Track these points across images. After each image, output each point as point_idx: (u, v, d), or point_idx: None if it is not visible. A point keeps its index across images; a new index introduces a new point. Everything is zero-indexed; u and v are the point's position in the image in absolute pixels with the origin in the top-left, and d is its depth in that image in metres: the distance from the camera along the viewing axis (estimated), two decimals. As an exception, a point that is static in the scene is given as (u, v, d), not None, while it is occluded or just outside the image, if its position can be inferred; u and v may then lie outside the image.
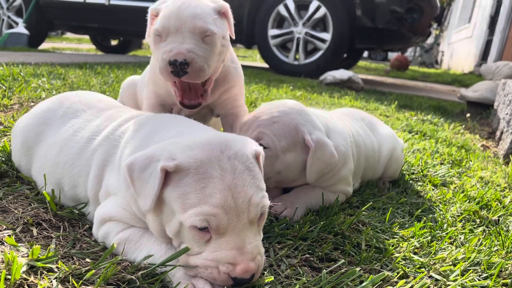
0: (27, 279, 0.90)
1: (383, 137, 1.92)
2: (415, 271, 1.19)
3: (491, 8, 11.78)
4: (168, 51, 1.36)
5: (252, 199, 0.96)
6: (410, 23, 6.07)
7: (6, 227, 1.12)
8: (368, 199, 1.70)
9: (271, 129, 1.42)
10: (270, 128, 1.42)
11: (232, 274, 0.93)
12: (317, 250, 1.23)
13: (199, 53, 1.36)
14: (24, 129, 1.43)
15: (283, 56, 6.30)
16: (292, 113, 1.46)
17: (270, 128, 1.42)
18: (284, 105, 1.49)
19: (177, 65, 1.33)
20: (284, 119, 1.44)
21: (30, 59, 4.59)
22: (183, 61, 1.33)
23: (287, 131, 1.42)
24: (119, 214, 1.11)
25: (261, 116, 1.45)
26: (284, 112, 1.45)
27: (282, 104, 1.50)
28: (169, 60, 1.34)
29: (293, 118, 1.45)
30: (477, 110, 4.58)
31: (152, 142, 1.11)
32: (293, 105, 1.51)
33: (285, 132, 1.42)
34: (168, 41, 1.38)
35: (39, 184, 1.36)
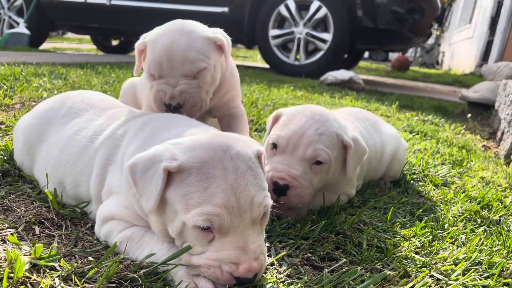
0: (30, 277, 0.90)
1: (387, 137, 1.92)
2: (417, 271, 1.20)
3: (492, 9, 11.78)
4: (163, 90, 1.40)
5: (254, 198, 0.96)
6: (411, 23, 6.06)
7: (8, 226, 1.12)
8: (369, 199, 1.70)
9: (322, 143, 1.41)
10: (321, 142, 1.41)
11: (235, 273, 0.93)
12: (318, 249, 1.23)
13: (192, 91, 1.42)
14: (26, 128, 1.43)
15: (283, 57, 6.30)
16: (328, 120, 1.47)
17: (321, 142, 1.41)
18: (315, 113, 1.48)
19: (171, 108, 1.41)
20: (326, 129, 1.44)
21: (31, 58, 4.60)
22: (177, 105, 1.41)
23: (333, 140, 1.44)
24: (121, 213, 1.11)
25: (304, 130, 1.43)
26: (321, 121, 1.45)
27: (312, 112, 1.49)
28: (164, 103, 1.41)
29: (331, 125, 1.46)
30: (478, 110, 4.58)
31: (154, 142, 1.11)
32: (323, 111, 1.51)
33: (332, 143, 1.43)
34: (160, 81, 1.41)
35: (41, 183, 1.36)
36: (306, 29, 6.05)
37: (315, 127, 1.44)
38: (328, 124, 1.46)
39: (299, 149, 1.41)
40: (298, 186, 1.37)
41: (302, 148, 1.41)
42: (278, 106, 3.21)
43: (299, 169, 1.39)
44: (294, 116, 1.49)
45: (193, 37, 1.42)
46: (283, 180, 1.36)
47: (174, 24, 1.46)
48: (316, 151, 1.40)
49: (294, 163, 1.40)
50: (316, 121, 1.45)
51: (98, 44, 9.53)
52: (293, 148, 1.42)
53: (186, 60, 1.38)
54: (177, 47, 1.38)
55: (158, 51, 1.39)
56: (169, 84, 1.40)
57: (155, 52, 1.39)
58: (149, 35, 1.47)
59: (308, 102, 3.71)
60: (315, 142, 1.41)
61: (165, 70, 1.39)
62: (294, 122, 1.46)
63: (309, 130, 1.43)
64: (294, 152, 1.42)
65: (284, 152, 1.43)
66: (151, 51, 1.41)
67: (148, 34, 1.48)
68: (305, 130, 1.43)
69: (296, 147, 1.42)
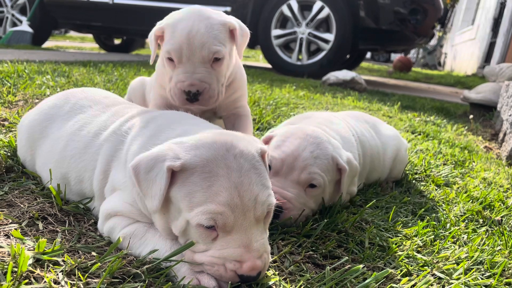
0: (33, 272, 0.91)
1: (387, 138, 1.92)
2: (418, 269, 1.20)
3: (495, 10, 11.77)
4: (182, 81, 1.45)
5: (258, 197, 0.96)
6: (413, 24, 6.06)
7: (12, 221, 1.12)
8: (371, 198, 1.70)
9: (317, 166, 1.39)
10: (316, 165, 1.39)
11: (239, 271, 0.93)
12: (320, 247, 1.24)
13: (210, 81, 1.47)
14: (30, 124, 1.44)
15: (286, 56, 6.30)
16: (323, 142, 1.45)
17: (316, 166, 1.39)
18: (308, 135, 1.46)
19: (191, 95, 1.46)
20: (321, 152, 1.42)
21: (34, 56, 4.61)
22: (196, 91, 1.46)
23: (328, 163, 1.41)
24: (124, 209, 1.12)
25: (298, 153, 1.40)
26: (316, 143, 1.43)
27: (305, 134, 1.46)
28: (183, 90, 1.46)
29: (326, 147, 1.44)
30: (480, 111, 4.58)
31: (159, 140, 1.11)
32: (316, 132, 1.49)
33: (327, 166, 1.41)
34: (180, 69, 1.46)
35: (44, 179, 1.36)
36: (308, 29, 6.05)
37: (309, 149, 1.41)
38: (322, 146, 1.43)
39: (293, 172, 1.38)
40: (292, 209, 1.34)
41: (297, 171, 1.38)
42: (280, 105, 3.21)
43: (293, 192, 1.36)
44: (287, 137, 1.46)
45: (211, 22, 1.45)
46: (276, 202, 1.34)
47: (192, 9, 1.49)
48: (311, 175, 1.38)
49: (288, 185, 1.37)
50: (311, 143, 1.43)
51: (101, 42, 9.55)
52: (288, 170, 1.39)
53: (204, 45, 1.42)
54: (197, 32, 1.42)
55: (179, 36, 1.42)
56: (187, 73, 1.44)
57: (175, 37, 1.42)
58: (166, 20, 1.49)
59: (310, 102, 3.71)
60: (310, 166, 1.38)
61: (184, 55, 1.43)
62: (288, 144, 1.43)
63: (304, 153, 1.40)
64: (288, 175, 1.39)
65: (278, 174, 1.39)
66: (170, 36, 1.44)
67: (164, 19, 1.50)
68: (299, 152, 1.40)
69: (290, 169, 1.39)
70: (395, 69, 12.41)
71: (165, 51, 1.46)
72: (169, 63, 1.48)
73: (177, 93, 1.47)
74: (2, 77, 2.78)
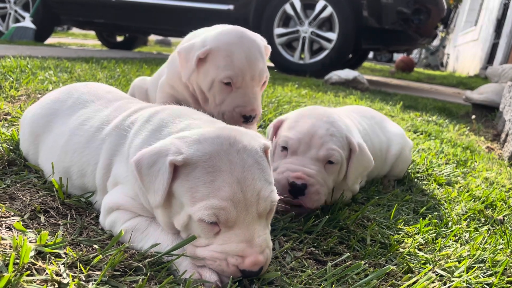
0: (35, 264, 0.91)
1: (392, 136, 1.91)
2: (420, 267, 1.20)
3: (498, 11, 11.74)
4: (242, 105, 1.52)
5: (261, 192, 0.96)
6: (416, 24, 6.04)
7: (14, 214, 1.12)
8: (373, 196, 1.70)
9: (334, 143, 1.41)
10: (332, 142, 1.40)
11: (240, 266, 0.93)
12: (322, 243, 1.24)
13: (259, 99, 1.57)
14: (33, 118, 1.44)
15: (288, 55, 6.30)
16: (336, 121, 1.47)
17: (333, 142, 1.40)
18: (322, 114, 1.47)
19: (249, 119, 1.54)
20: (336, 130, 1.43)
21: (36, 52, 4.61)
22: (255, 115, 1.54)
23: (343, 141, 1.43)
24: (126, 203, 1.11)
25: (314, 131, 1.41)
26: (330, 122, 1.45)
27: (318, 114, 1.48)
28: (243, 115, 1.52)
29: (339, 125, 1.46)
30: (482, 112, 4.57)
31: (161, 134, 1.11)
32: (328, 112, 1.50)
33: (342, 143, 1.43)
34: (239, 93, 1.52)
35: (46, 172, 1.36)
36: (311, 28, 6.04)
37: (325, 127, 1.42)
38: (336, 125, 1.45)
39: (311, 149, 1.40)
40: (315, 184, 1.36)
41: (314, 148, 1.40)
42: (283, 103, 3.20)
43: (314, 168, 1.38)
44: (300, 118, 1.48)
45: (258, 45, 1.54)
46: (300, 180, 1.35)
47: (236, 31, 1.55)
48: (329, 151, 1.39)
49: (308, 162, 1.39)
50: (325, 122, 1.44)
51: (103, 39, 9.56)
52: (305, 148, 1.41)
53: (261, 70, 1.52)
54: (255, 58, 1.50)
55: (239, 62, 1.47)
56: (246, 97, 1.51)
57: (235, 64, 1.47)
58: (209, 42, 1.52)
59: (313, 100, 3.71)
60: (327, 142, 1.40)
61: (244, 80, 1.50)
62: (302, 123, 1.45)
63: (320, 130, 1.41)
64: (307, 153, 1.40)
65: (296, 153, 1.41)
66: (226, 61, 1.48)
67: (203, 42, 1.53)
68: (315, 131, 1.41)
69: (308, 147, 1.40)
70: (398, 69, 12.39)
71: (221, 75, 1.48)
72: (224, 87, 1.51)
73: (235, 117, 1.52)
74: (5, 72, 2.79)
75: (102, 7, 6.83)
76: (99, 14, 6.98)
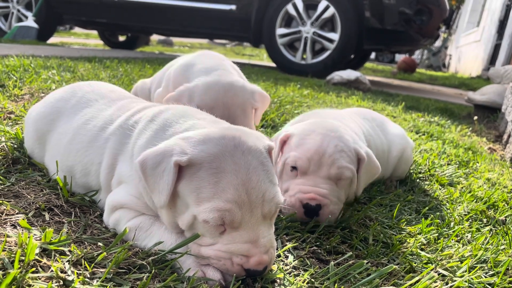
0: (40, 261, 0.91)
1: (394, 137, 1.91)
2: (422, 266, 1.20)
3: (500, 12, 11.72)
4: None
5: (266, 194, 0.97)
6: (418, 25, 6.04)
7: (18, 212, 1.13)
8: (375, 196, 1.70)
9: (344, 160, 1.39)
10: (343, 159, 1.39)
11: (245, 265, 0.94)
12: (324, 243, 1.24)
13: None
14: (37, 117, 1.44)
15: (290, 56, 6.30)
16: (344, 135, 1.45)
17: (343, 159, 1.39)
18: (328, 129, 1.45)
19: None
20: (345, 145, 1.41)
21: (39, 52, 4.62)
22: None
23: (352, 155, 1.42)
24: (130, 202, 1.12)
25: (323, 149, 1.39)
26: (337, 137, 1.43)
27: (325, 129, 1.45)
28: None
29: (347, 140, 1.44)
30: (484, 113, 4.56)
31: (166, 134, 1.11)
32: (335, 126, 1.48)
33: (351, 158, 1.41)
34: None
35: (50, 171, 1.37)
36: (313, 28, 6.04)
37: (334, 143, 1.40)
38: (344, 139, 1.43)
39: (322, 168, 1.37)
40: (329, 204, 1.33)
41: (325, 167, 1.37)
42: (285, 103, 3.21)
43: (327, 187, 1.36)
44: (307, 134, 1.45)
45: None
46: (314, 201, 1.32)
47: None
48: (340, 169, 1.37)
49: (320, 182, 1.36)
50: (333, 137, 1.42)
51: (105, 39, 9.57)
52: (316, 168, 1.38)
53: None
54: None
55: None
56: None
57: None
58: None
59: (315, 101, 3.71)
60: (338, 160, 1.38)
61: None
62: (309, 141, 1.42)
63: (329, 149, 1.39)
64: (318, 172, 1.38)
65: (307, 173, 1.38)
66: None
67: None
68: (324, 149, 1.39)
69: (319, 166, 1.38)
70: (399, 70, 12.37)
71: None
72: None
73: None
74: (9, 71, 2.80)
75: (105, 6, 6.84)
76: (102, 14, 6.99)
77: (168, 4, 6.53)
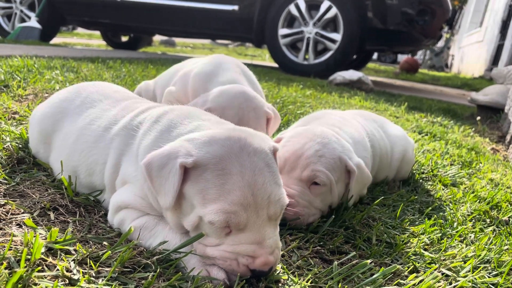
0: (46, 260, 0.92)
1: (395, 138, 1.91)
2: (426, 266, 1.20)
3: (503, 13, 11.69)
4: None
5: (271, 196, 0.97)
6: (421, 25, 6.04)
7: (24, 211, 1.14)
8: (378, 196, 1.70)
9: (322, 164, 1.36)
10: (320, 163, 1.36)
11: (251, 266, 0.94)
12: (328, 243, 1.24)
13: None
14: (42, 117, 1.45)
15: (292, 56, 6.30)
16: (331, 143, 1.42)
17: (321, 164, 1.36)
18: (316, 135, 1.43)
19: None
20: (328, 152, 1.39)
21: (42, 52, 4.64)
22: None
23: (334, 163, 1.38)
24: (135, 202, 1.12)
25: (302, 151, 1.38)
26: (323, 143, 1.40)
27: (313, 134, 1.44)
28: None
29: (334, 147, 1.41)
30: (487, 113, 4.56)
31: (171, 136, 1.12)
32: (325, 133, 1.46)
33: (332, 165, 1.38)
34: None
35: (55, 171, 1.38)
36: (315, 28, 6.04)
37: (315, 148, 1.38)
38: (330, 147, 1.40)
39: (296, 169, 1.35)
40: (295, 205, 1.30)
41: (299, 169, 1.35)
42: (287, 103, 3.21)
43: (296, 189, 1.33)
44: (294, 137, 1.43)
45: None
46: None
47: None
48: (313, 172, 1.34)
49: (291, 183, 1.34)
50: (317, 143, 1.39)
51: (108, 40, 9.59)
52: (290, 168, 1.36)
53: None
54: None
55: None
56: None
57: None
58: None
59: (317, 101, 3.71)
60: (313, 164, 1.35)
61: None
62: (293, 143, 1.41)
63: (308, 151, 1.37)
64: (291, 173, 1.36)
65: (281, 173, 1.35)
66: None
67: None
68: (303, 151, 1.37)
69: (293, 168, 1.36)
70: (402, 70, 12.36)
71: None
72: None
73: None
74: (12, 71, 2.81)
75: (108, 7, 6.86)
76: (105, 14, 7.01)
77: (170, 5, 6.54)
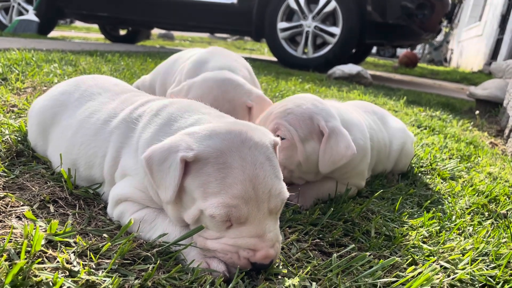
0: (46, 252, 0.92)
1: (394, 131, 1.91)
2: (424, 259, 1.21)
3: (503, 7, 11.66)
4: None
5: (272, 190, 0.97)
6: (420, 19, 6.02)
7: (23, 203, 1.14)
8: (377, 189, 1.71)
9: (286, 120, 1.40)
10: (285, 118, 1.40)
11: (252, 259, 0.95)
12: (327, 235, 1.25)
13: None
14: (41, 110, 1.45)
15: (291, 50, 6.28)
16: (306, 104, 1.45)
17: (285, 119, 1.40)
18: (298, 98, 1.49)
19: None
20: (298, 110, 1.42)
21: (41, 45, 4.62)
22: None
23: (302, 120, 1.40)
24: (135, 195, 1.12)
25: (275, 109, 1.44)
26: (297, 103, 1.44)
27: (296, 97, 1.50)
28: None
29: (307, 107, 1.43)
30: (486, 108, 4.56)
31: (171, 129, 1.11)
32: (307, 97, 1.50)
33: (299, 122, 1.39)
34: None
35: (54, 164, 1.38)
36: (314, 22, 6.02)
37: (287, 106, 1.40)
38: (303, 107, 1.41)
39: (265, 124, 1.39)
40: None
41: (267, 123, 1.39)
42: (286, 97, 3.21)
43: None
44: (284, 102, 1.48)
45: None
46: None
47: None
48: (276, 125, 1.37)
49: None
50: (293, 103, 1.42)
51: (106, 33, 9.55)
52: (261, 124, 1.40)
53: None
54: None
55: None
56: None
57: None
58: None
59: (316, 95, 3.71)
60: (278, 118, 1.39)
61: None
62: (275, 104, 1.45)
63: (278, 109, 1.40)
64: None
65: None
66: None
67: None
68: (273, 109, 1.41)
69: (263, 123, 1.40)
70: (401, 64, 12.34)
71: None
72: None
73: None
74: (11, 64, 2.80)
75: (106, 0, 6.82)
76: (103, 8, 6.97)
77: (169, -2, 6.50)
